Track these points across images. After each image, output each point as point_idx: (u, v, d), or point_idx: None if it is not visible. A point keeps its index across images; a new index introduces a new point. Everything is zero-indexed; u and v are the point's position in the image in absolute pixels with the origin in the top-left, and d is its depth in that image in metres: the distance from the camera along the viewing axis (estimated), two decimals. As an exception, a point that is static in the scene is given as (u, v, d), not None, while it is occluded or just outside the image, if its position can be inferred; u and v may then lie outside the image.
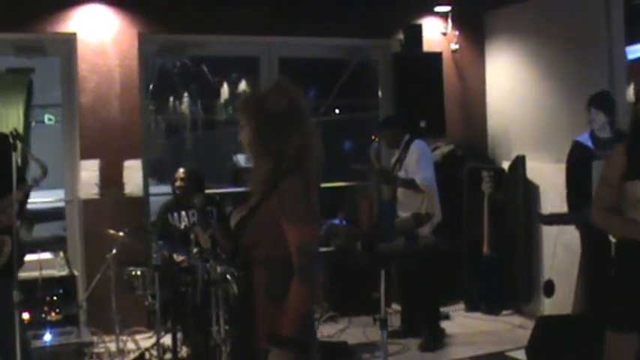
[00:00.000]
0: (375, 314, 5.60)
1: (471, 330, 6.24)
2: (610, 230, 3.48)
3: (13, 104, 6.70)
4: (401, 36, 7.10)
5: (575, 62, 6.21)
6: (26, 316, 5.15)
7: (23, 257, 4.20)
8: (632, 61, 6.31)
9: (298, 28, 6.80)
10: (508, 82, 7.15)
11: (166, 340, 5.19)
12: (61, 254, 6.02)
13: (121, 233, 5.32)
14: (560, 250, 6.05)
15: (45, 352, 5.13)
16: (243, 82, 8.65)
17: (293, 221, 2.45)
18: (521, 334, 5.56)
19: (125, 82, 6.28)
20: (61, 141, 6.44)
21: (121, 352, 5.34)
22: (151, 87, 7.22)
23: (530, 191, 6.60)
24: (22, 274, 4.09)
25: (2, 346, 3.80)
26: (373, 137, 5.79)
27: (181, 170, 5.86)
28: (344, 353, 5.50)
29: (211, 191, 6.47)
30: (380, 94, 7.43)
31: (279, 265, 2.47)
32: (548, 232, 6.29)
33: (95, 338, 5.56)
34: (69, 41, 6.21)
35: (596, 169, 4.48)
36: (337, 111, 9.50)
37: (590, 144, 5.16)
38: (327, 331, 5.98)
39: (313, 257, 2.45)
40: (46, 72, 7.03)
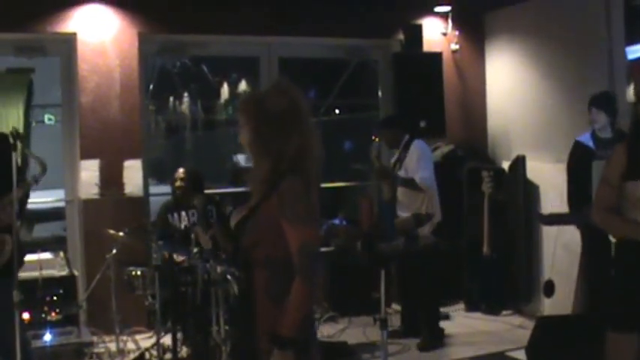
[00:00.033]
0: (375, 314, 5.60)
1: (471, 330, 6.24)
2: (610, 230, 3.47)
3: (13, 104, 6.70)
4: (401, 36, 7.10)
5: (575, 62, 6.21)
6: (26, 316, 5.14)
7: (23, 257, 4.20)
8: (632, 61, 6.31)
9: (298, 28, 6.80)
10: (508, 82, 7.15)
11: (166, 340, 5.19)
12: (61, 254, 6.01)
13: (121, 233, 5.32)
14: (560, 250, 6.05)
15: (45, 352, 5.12)
16: (244, 82, 8.64)
17: (293, 221, 2.44)
18: (521, 334, 5.56)
19: (125, 82, 6.28)
20: (61, 141, 6.44)
21: (121, 352, 5.34)
22: (151, 87, 7.21)
23: (530, 191, 6.60)
24: (22, 274, 4.08)
25: (2, 346, 3.80)
26: (373, 137, 5.79)
27: (181, 170, 5.87)
28: (344, 353, 5.50)
29: (211, 191, 6.47)
30: (380, 94, 7.43)
31: (279, 265, 2.47)
32: (548, 232, 6.29)
33: (95, 338, 5.56)
34: (69, 41, 6.21)
35: (597, 169, 4.47)
36: (337, 111, 9.49)
37: (591, 144, 5.16)
38: (327, 331, 5.99)
39: (314, 257, 2.45)
40: (46, 72, 7.03)
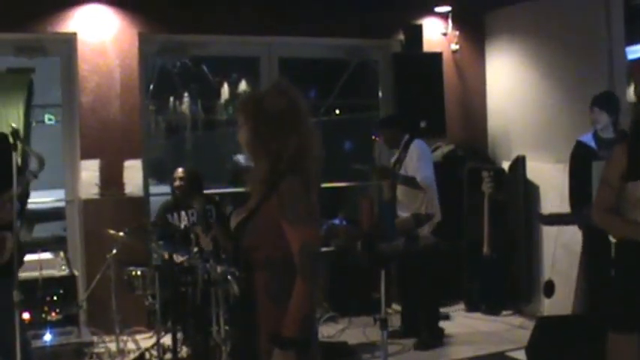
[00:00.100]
0: (375, 314, 5.59)
1: (471, 330, 6.24)
2: (610, 230, 3.47)
3: (13, 104, 6.69)
4: (401, 36, 7.11)
5: (575, 62, 6.21)
6: (26, 316, 5.13)
7: (23, 257, 4.20)
8: (632, 61, 6.31)
9: (298, 29, 6.80)
10: (508, 83, 7.15)
11: (166, 340, 5.19)
12: (61, 254, 6.01)
13: (121, 233, 5.31)
14: (560, 250, 6.05)
15: (45, 352, 5.12)
16: (244, 83, 8.64)
17: (294, 222, 2.44)
18: (522, 334, 5.56)
19: (125, 82, 6.28)
20: (62, 141, 6.44)
21: (121, 352, 5.34)
22: (152, 87, 7.20)
23: (531, 191, 6.60)
24: (22, 274, 4.08)
25: (2, 346, 3.79)
26: (373, 137, 5.78)
27: (180, 170, 5.87)
28: (344, 353, 5.50)
29: (211, 191, 6.47)
30: (380, 94, 7.42)
31: (279, 265, 2.47)
32: (548, 233, 6.29)
33: (95, 338, 5.56)
34: (69, 41, 6.21)
35: (597, 169, 4.47)
36: (337, 111, 9.49)
37: (593, 144, 5.14)
38: (327, 331, 5.98)
39: (315, 257, 2.45)
40: (46, 72, 7.03)
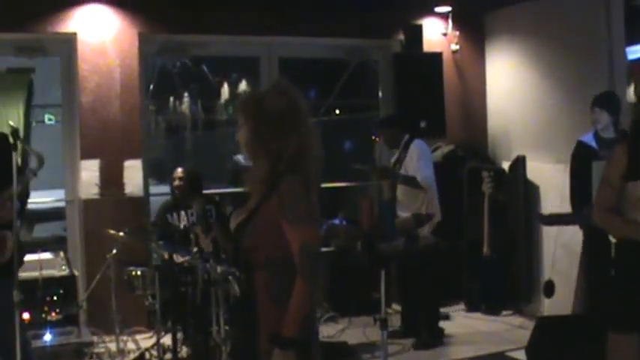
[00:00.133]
0: (375, 314, 5.59)
1: (471, 330, 6.24)
2: (610, 230, 3.47)
3: (13, 104, 6.70)
4: (401, 36, 7.10)
5: (576, 62, 6.21)
6: (26, 316, 5.13)
7: (23, 257, 4.20)
8: (632, 61, 6.31)
9: (298, 28, 6.79)
10: (508, 83, 7.15)
11: (166, 340, 5.19)
12: (61, 254, 6.00)
13: (121, 233, 5.31)
14: (560, 250, 6.05)
15: (45, 352, 5.12)
16: (244, 83, 8.64)
17: (294, 222, 2.44)
18: (522, 334, 5.56)
19: (125, 82, 6.28)
20: (62, 141, 6.44)
21: (121, 352, 5.34)
22: (152, 87, 7.20)
23: (531, 191, 6.60)
24: (22, 274, 4.08)
25: (2, 346, 3.79)
26: (373, 137, 5.78)
27: (179, 170, 5.86)
28: (344, 353, 5.50)
29: (211, 191, 6.47)
30: (380, 94, 7.42)
31: (279, 265, 2.47)
32: (548, 233, 6.29)
33: (95, 338, 5.56)
34: (69, 41, 6.21)
35: (596, 169, 4.47)
36: (337, 111, 9.49)
37: (594, 144, 5.14)
38: (327, 331, 5.98)
39: (315, 257, 2.45)
40: (46, 72, 7.03)
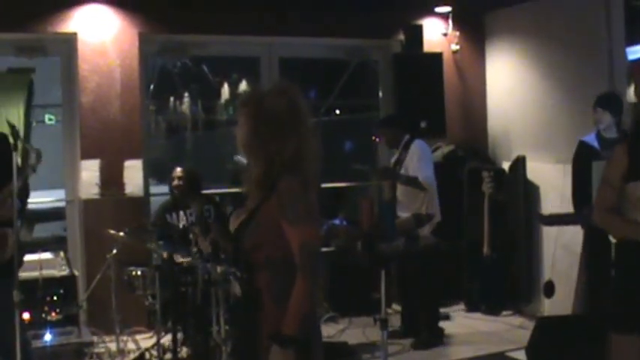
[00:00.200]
0: (375, 314, 5.59)
1: (471, 330, 6.24)
2: (610, 231, 3.47)
3: (13, 104, 6.70)
4: (401, 36, 7.11)
5: (576, 63, 6.21)
6: (26, 316, 5.13)
7: (23, 257, 4.20)
8: (632, 61, 6.30)
9: (299, 29, 6.80)
10: (508, 83, 7.15)
11: (166, 340, 5.19)
12: (61, 254, 6.00)
13: (121, 233, 5.31)
14: (560, 250, 6.05)
15: (45, 352, 5.12)
16: (244, 83, 8.63)
17: (294, 221, 2.44)
18: (522, 334, 5.56)
19: (126, 82, 6.28)
20: (62, 141, 6.44)
21: (122, 352, 5.34)
22: (152, 87, 7.20)
23: (531, 192, 6.60)
24: (22, 274, 4.08)
25: (2, 346, 3.79)
26: (373, 137, 5.78)
27: (178, 170, 5.84)
28: (344, 353, 5.50)
29: (211, 191, 6.47)
30: (380, 94, 7.43)
31: (280, 265, 2.47)
32: (549, 233, 6.29)
33: (95, 338, 5.56)
34: (69, 41, 6.21)
35: (597, 169, 4.47)
36: (338, 111, 9.49)
37: (596, 144, 5.13)
38: (328, 331, 5.98)
39: (316, 256, 2.45)
40: (46, 72, 7.03)
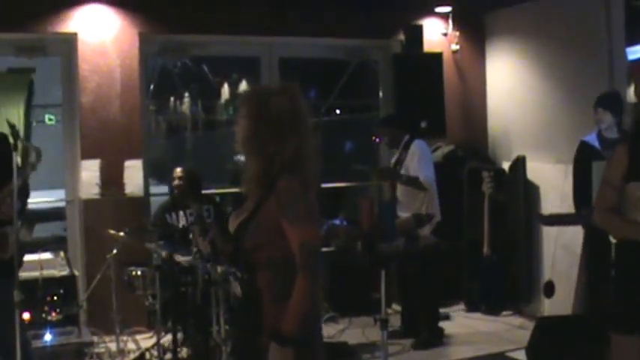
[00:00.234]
0: (375, 314, 5.60)
1: (471, 330, 6.24)
2: (610, 231, 3.47)
3: (13, 104, 6.71)
4: (401, 36, 7.11)
5: (576, 63, 6.21)
6: (26, 316, 5.14)
7: (22, 257, 4.21)
8: (632, 61, 6.30)
9: (299, 29, 6.80)
10: (508, 83, 7.15)
11: (167, 340, 5.19)
12: (61, 254, 6.00)
13: (121, 233, 5.31)
14: (560, 250, 6.05)
15: (45, 352, 5.12)
16: (244, 83, 8.64)
17: (294, 221, 2.45)
18: (522, 334, 5.56)
19: (126, 82, 6.28)
20: (62, 141, 6.44)
21: (122, 352, 5.34)
22: (152, 87, 7.20)
23: (531, 192, 6.60)
24: (22, 274, 4.08)
25: (2, 346, 3.80)
26: (373, 137, 5.78)
27: (179, 170, 5.84)
28: (344, 353, 5.50)
29: (211, 191, 6.47)
30: (380, 94, 7.43)
31: (280, 265, 2.48)
32: (549, 233, 6.29)
33: (95, 338, 5.56)
34: (69, 41, 6.21)
35: (597, 169, 4.47)
36: (338, 111, 9.49)
37: (596, 144, 5.14)
38: (328, 331, 5.98)
39: (316, 256, 2.45)
40: (46, 72, 7.04)
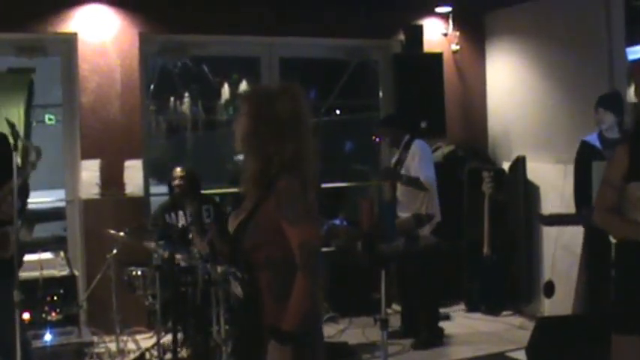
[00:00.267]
0: (375, 314, 5.60)
1: (471, 330, 6.24)
2: (611, 231, 3.47)
3: (14, 104, 6.71)
4: (401, 36, 7.11)
5: (576, 63, 6.21)
6: (26, 316, 5.14)
7: (22, 257, 4.21)
8: (632, 62, 6.30)
9: (299, 29, 6.80)
10: (508, 83, 7.15)
11: (167, 340, 5.19)
12: (61, 254, 6.00)
13: (121, 233, 5.31)
14: (560, 250, 6.05)
15: (45, 352, 5.12)
16: (244, 83, 8.63)
17: (294, 220, 2.45)
18: (522, 334, 5.56)
19: (126, 82, 6.28)
20: (62, 141, 6.44)
21: (122, 353, 5.34)
22: (152, 87, 7.20)
23: (531, 192, 6.60)
24: (22, 274, 4.08)
25: (2, 346, 3.80)
26: (374, 137, 5.78)
27: (179, 169, 5.83)
28: (344, 354, 5.50)
29: (211, 191, 6.47)
30: (380, 94, 7.43)
31: (280, 265, 2.48)
32: (549, 233, 6.29)
33: (95, 338, 5.56)
34: (70, 41, 6.21)
35: (597, 169, 4.47)
36: (338, 111, 9.49)
37: (598, 144, 5.14)
38: (328, 331, 5.98)
39: (316, 255, 2.45)
40: (46, 72, 7.03)
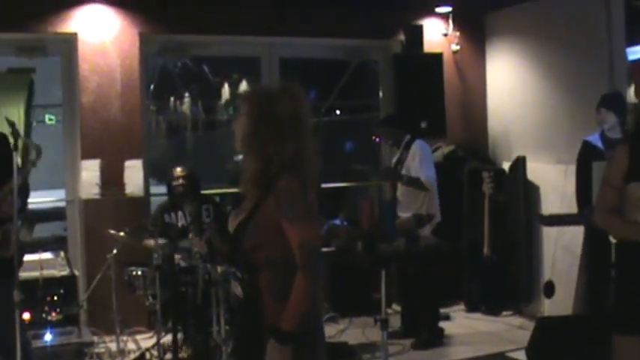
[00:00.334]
0: (375, 315, 5.59)
1: (471, 331, 6.24)
2: (611, 231, 3.47)
3: (14, 104, 6.71)
4: (402, 37, 7.11)
5: (576, 63, 6.21)
6: (27, 316, 5.14)
7: (22, 257, 4.21)
8: (632, 62, 6.30)
9: (299, 29, 6.80)
10: (508, 83, 7.15)
11: (167, 340, 5.19)
12: (61, 254, 6.00)
13: (121, 233, 5.31)
14: (560, 251, 6.05)
15: (45, 352, 5.12)
16: (244, 83, 8.64)
17: (294, 220, 2.45)
18: (522, 334, 5.56)
19: (126, 82, 6.28)
20: (62, 141, 6.44)
21: (122, 353, 5.34)
22: (152, 87, 7.21)
23: (531, 192, 6.60)
24: (22, 274, 4.09)
25: (2, 346, 3.80)
26: (374, 138, 5.79)
27: (179, 169, 5.81)
28: (344, 354, 5.50)
29: (211, 191, 6.47)
30: (381, 94, 7.43)
31: (280, 265, 2.48)
32: (549, 233, 6.29)
33: (96, 338, 5.56)
34: (70, 41, 6.21)
35: (597, 169, 4.47)
36: (338, 112, 9.50)
37: (599, 144, 5.14)
38: (328, 331, 5.93)
39: (316, 255, 2.45)
40: (47, 72, 7.03)
